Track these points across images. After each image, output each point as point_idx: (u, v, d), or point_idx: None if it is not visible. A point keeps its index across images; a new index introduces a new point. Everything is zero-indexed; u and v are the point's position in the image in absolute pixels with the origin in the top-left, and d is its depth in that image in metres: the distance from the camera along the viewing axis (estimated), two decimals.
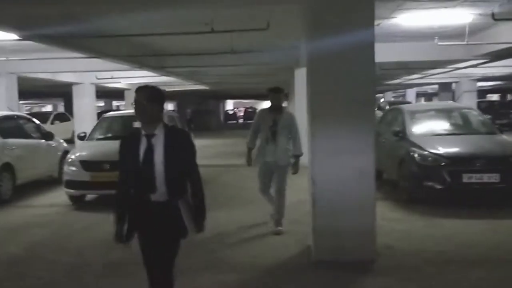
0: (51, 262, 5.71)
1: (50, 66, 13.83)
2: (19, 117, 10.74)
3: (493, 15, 7.81)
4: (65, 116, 23.47)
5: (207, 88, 26.80)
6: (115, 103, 47.77)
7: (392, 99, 36.06)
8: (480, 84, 27.73)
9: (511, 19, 8.31)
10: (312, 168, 5.31)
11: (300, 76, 13.43)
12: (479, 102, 26.31)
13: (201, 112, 37.92)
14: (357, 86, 5.22)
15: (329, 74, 5.28)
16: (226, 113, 55.28)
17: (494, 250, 5.78)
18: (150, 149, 3.21)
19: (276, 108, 6.58)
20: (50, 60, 12.42)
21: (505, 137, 8.98)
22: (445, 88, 28.88)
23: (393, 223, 6.83)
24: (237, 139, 21.61)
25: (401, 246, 5.86)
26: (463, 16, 9.07)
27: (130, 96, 25.46)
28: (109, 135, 9.59)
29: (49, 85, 20.77)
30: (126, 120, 10.04)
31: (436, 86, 31.39)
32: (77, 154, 8.60)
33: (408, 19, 9.19)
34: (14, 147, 9.40)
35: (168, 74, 16.20)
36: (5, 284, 5.10)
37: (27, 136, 10.23)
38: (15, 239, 6.74)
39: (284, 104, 8.82)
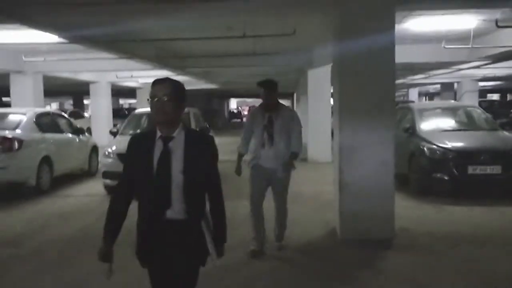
0: None
1: (75, 65, 14.50)
2: (54, 113, 11.42)
3: (496, 22, 8.51)
4: (79, 114, 24.04)
5: (214, 87, 27.33)
6: (121, 101, 48.71)
7: None
8: (481, 84, 28.27)
9: None
10: (340, 158, 5.98)
11: (313, 76, 14.07)
12: (480, 102, 26.84)
13: (208, 110, 38.59)
14: (380, 84, 5.86)
15: (356, 74, 5.92)
16: (231, 111, 56.78)
17: (500, 232, 6.48)
18: (166, 155, 2.66)
19: (270, 105, 5.43)
20: (75, 60, 13.14)
21: (506, 133, 9.67)
22: (447, 88, 29.43)
23: (407, 210, 7.46)
24: None
25: (415, 229, 6.53)
26: (469, 22, 9.77)
27: (143, 95, 26.09)
28: (140, 130, 10.25)
29: (62, 84, 21.21)
30: None
31: (438, 86, 31.97)
32: (114, 148, 9.24)
33: (417, 24, 9.85)
34: (51, 141, 10.00)
35: (186, 73, 16.81)
36: (71, 259, 5.65)
37: (61, 131, 10.83)
38: (67, 224, 7.35)
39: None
